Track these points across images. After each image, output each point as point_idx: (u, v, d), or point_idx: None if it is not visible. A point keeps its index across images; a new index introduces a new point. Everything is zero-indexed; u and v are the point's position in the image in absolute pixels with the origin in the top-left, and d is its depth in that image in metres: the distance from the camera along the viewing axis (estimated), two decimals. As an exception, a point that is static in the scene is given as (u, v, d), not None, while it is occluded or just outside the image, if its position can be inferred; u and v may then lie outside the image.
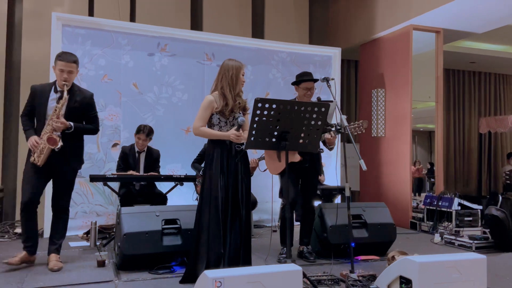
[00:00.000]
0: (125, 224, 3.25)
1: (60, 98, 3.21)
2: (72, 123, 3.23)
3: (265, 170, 3.78)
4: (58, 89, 3.26)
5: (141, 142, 4.52)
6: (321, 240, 3.81)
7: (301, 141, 2.77)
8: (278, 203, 5.26)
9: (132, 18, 5.92)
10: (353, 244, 3.80)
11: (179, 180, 4.31)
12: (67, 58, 3.23)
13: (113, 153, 5.01)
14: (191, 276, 2.94)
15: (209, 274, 2.06)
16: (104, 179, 4.04)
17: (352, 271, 3.01)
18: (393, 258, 3.01)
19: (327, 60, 6.21)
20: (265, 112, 2.62)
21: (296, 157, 3.24)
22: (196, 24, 6.29)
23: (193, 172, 4.83)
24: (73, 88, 3.29)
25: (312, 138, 2.77)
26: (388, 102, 6.26)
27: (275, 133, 2.71)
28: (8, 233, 4.62)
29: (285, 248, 3.54)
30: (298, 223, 4.03)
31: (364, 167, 2.76)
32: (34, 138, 3.17)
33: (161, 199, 4.42)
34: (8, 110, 5.45)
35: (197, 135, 3.15)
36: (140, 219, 3.33)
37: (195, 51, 5.49)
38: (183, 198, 4.87)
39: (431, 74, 6.22)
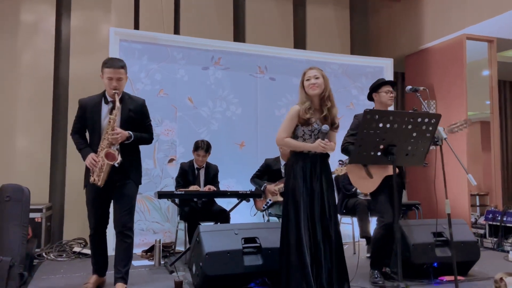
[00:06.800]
0: (205, 243, 3.10)
1: (113, 108, 2.90)
2: (131, 132, 2.94)
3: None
4: (109, 99, 2.96)
5: (200, 158, 4.38)
6: (402, 260, 3.60)
7: (406, 154, 2.61)
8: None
9: (176, 31, 5.85)
10: (435, 264, 3.63)
11: (245, 197, 4.13)
12: (115, 64, 2.90)
13: (170, 168, 4.89)
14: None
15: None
16: (172, 195, 3.88)
17: (455, 293, 2.82)
18: (501, 280, 2.81)
19: (379, 71, 6.08)
20: (373, 125, 2.48)
21: (390, 170, 3.05)
22: (238, 35, 6.21)
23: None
24: (124, 97, 3.00)
25: (419, 151, 2.62)
26: (440, 113, 6.07)
27: (381, 146, 2.56)
28: (65, 251, 4.48)
29: (376, 271, 3.35)
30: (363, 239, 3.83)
31: (474, 182, 2.59)
32: (91, 156, 2.86)
33: (225, 216, 4.25)
34: (56, 126, 5.36)
35: (280, 145, 3.04)
36: (220, 237, 3.17)
37: (248, 64, 5.39)
38: (240, 214, 4.71)
39: (478, 83, 6.02)
